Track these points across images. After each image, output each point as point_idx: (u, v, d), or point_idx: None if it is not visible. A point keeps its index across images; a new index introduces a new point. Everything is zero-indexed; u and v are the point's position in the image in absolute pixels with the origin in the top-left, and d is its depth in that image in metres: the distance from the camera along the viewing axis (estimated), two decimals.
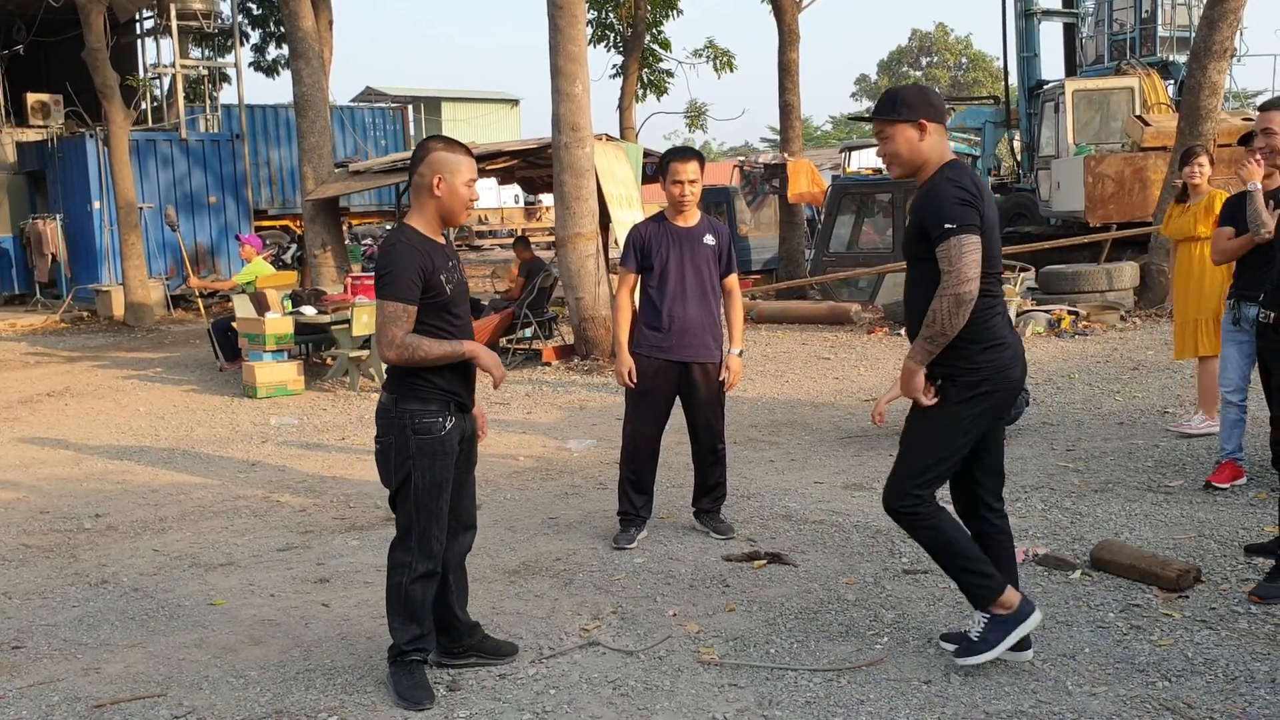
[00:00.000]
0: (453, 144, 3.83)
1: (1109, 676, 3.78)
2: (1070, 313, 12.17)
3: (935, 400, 3.71)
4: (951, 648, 3.96)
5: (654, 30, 22.27)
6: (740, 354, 5.54)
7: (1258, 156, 5.26)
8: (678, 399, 5.50)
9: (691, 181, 5.31)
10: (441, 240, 3.84)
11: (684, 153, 5.40)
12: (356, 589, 5.02)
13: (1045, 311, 12.27)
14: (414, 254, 3.70)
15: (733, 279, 5.55)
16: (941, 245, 3.55)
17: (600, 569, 5.16)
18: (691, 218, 5.41)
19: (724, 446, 5.62)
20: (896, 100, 3.72)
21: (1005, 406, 3.81)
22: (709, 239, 5.41)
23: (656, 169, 5.76)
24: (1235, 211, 5.75)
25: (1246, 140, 5.59)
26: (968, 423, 3.70)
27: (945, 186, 3.60)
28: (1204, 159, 6.93)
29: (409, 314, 3.69)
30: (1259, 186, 5.60)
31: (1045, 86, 19.31)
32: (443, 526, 3.83)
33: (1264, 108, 4.89)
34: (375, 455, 3.89)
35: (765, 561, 5.11)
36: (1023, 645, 3.81)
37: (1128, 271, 12.95)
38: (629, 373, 5.38)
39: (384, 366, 3.96)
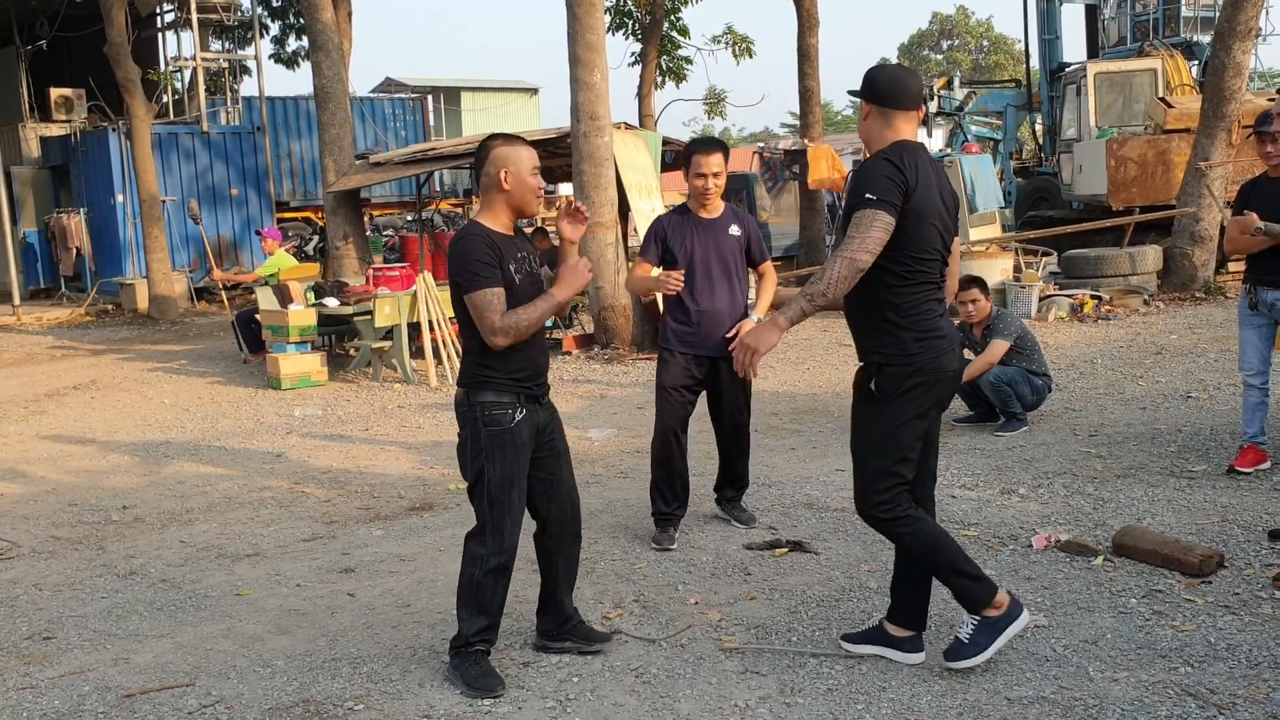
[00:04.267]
0: (510, 138, 3.89)
1: (1131, 662, 3.78)
2: (1093, 297, 12.11)
3: (870, 392, 3.65)
4: (854, 648, 3.94)
5: (673, 17, 22.21)
6: (759, 320, 5.45)
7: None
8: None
9: (715, 174, 5.22)
10: (512, 234, 3.88)
11: (708, 144, 5.30)
12: (381, 578, 5.07)
13: (1068, 296, 12.21)
14: (482, 239, 3.75)
15: (768, 264, 5.51)
16: (856, 213, 3.50)
17: (622, 558, 5.19)
18: (715, 210, 5.34)
19: (748, 437, 5.62)
20: (866, 77, 3.72)
21: (944, 399, 3.75)
22: (734, 229, 5.33)
23: (678, 158, 5.69)
24: (1250, 197, 5.69)
25: (1260, 124, 5.51)
26: (907, 417, 3.64)
27: (877, 162, 3.56)
28: None
29: (499, 296, 3.72)
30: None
31: (1067, 69, 19.16)
32: (517, 519, 3.88)
33: None
34: (456, 448, 3.96)
35: (787, 549, 5.13)
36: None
37: (1151, 255, 12.85)
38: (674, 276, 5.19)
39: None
